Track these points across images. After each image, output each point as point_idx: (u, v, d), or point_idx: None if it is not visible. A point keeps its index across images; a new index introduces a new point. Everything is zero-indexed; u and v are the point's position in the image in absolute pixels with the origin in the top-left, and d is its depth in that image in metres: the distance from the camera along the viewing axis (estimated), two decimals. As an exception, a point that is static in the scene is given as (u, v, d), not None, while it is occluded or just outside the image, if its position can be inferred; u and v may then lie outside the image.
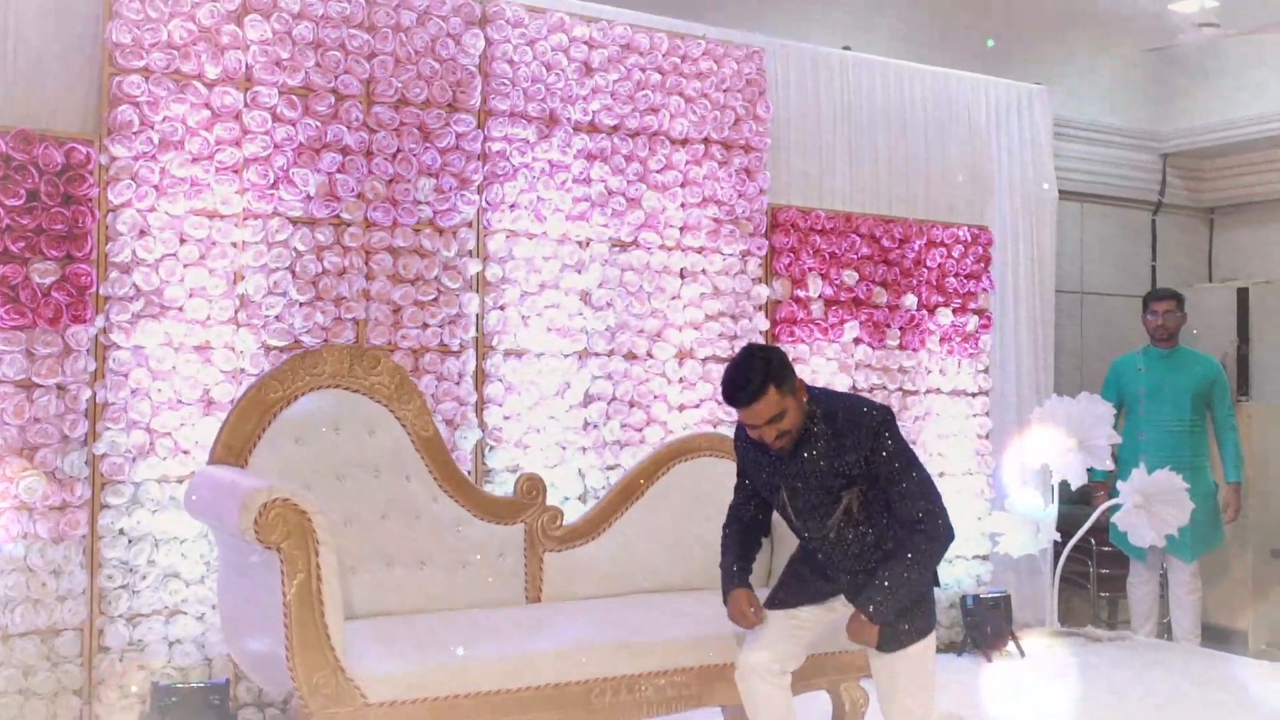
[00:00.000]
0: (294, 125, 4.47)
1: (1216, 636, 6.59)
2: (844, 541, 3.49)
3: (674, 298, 5.26)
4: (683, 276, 5.30)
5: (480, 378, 4.83)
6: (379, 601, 3.92)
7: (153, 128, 4.24)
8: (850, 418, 3.41)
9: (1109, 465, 5.89)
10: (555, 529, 4.31)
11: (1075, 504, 6.60)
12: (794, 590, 3.67)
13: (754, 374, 3.33)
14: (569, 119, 5.01)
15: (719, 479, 4.59)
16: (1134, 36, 7.11)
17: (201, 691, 3.96)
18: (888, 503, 3.41)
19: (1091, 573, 7.03)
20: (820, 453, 3.40)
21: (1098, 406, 5.77)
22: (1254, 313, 7.84)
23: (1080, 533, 6.14)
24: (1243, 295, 7.87)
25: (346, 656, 3.32)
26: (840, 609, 3.63)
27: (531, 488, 4.29)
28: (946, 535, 3.42)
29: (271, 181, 4.44)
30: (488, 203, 4.85)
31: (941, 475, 6.02)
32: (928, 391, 6.00)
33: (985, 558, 6.16)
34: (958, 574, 6.05)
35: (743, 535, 3.73)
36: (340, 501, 3.88)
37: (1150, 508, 5.67)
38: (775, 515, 3.76)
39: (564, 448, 4.98)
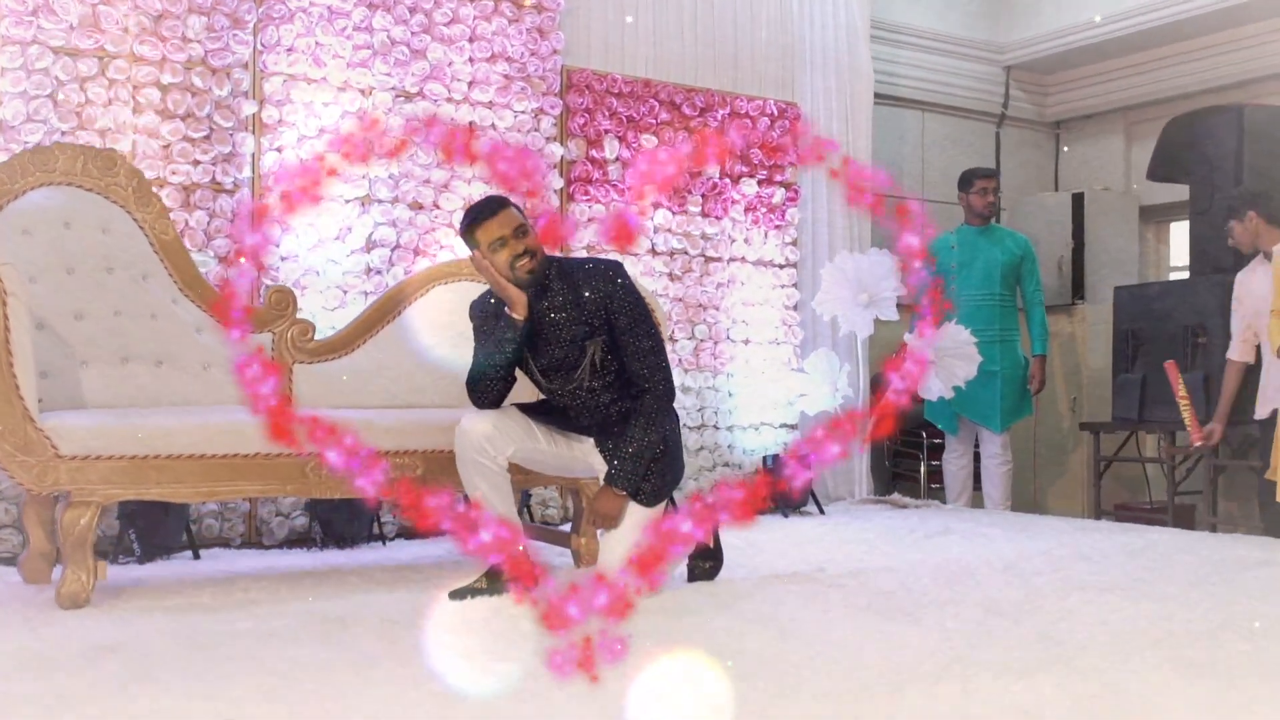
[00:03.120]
0: (54, -46, 4.55)
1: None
2: (593, 393, 3.63)
3: (461, 150, 5.35)
4: (471, 130, 5.40)
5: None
6: (113, 396, 3.97)
7: (-97, -52, 4.31)
8: (585, 268, 3.62)
9: (895, 316, 6.04)
10: (306, 342, 4.39)
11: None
12: (541, 410, 3.77)
13: (493, 196, 3.61)
14: (348, -33, 5.12)
15: (479, 303, 4.69)
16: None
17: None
18: (621, 358, 3.60)
19: (922, 468, 7.20)
20: (559, 305, 3.57)
21: (884, 260, 5.92)
22: (1088, 217, 8.05)
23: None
24: (1078, 200, 8.07)
25: (41, 410, 3.40)
26: (579, 449, 3.74)
27: (281, 300, 4.37)
28: (670, 394, 3.64)
29: (31, 9, 4.51)
30: (263, 45, 4.94)
31: (747, 343, 6.16)
32: (731, 260, 6.13)
33: (794, 426, 6.28)
34: (764, 441, 6.18)
35: None
36: (70, 295, 3.94)
37: (939, 361, 5.83)
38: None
39: (344, 291, 5.06)
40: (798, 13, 6.56)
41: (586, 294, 3.56)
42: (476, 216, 3.56)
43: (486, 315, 3.68)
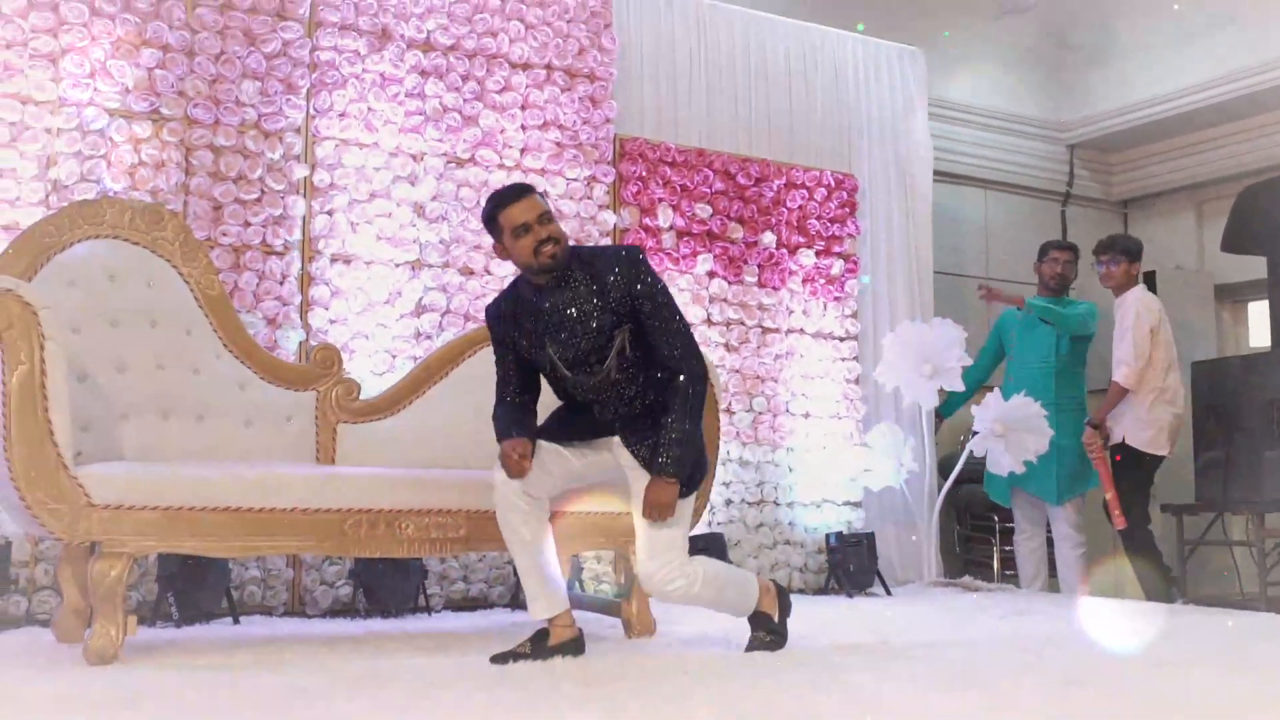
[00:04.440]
0: (112, 20, 4.58)
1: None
2: (618, 385, 3.48)
3: (514, 216, 5.28)
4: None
5: (305, 280, 4.86)
6: (152, 450, 3.88)
7: (-36, 13, 4.37)
8: (607, 257, 3.49)
9: (960, 386, 5.82)
10: (351, 401, 4.29)
11: (977, 481, 6.51)
12: (563, 426, 3.62)
13: (517, 183, 3.57)
14: (402, 35, 5.12)
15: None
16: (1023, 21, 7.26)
17: (-27, 547, 3.91)
18: (650, 344, 3.45)
19: (995, 553, 6.91)
20: (583, 295, 3.44)
21: (949, 330, 5.72)
22: (1161, 296, 7.78)
23: (951, 478, 6.04)
24: (1149, 279, 7.84)
25: (80, 463, 3.30)
26: (608, 451, 3.60)
27: (326, 358, 4.29)
28: (705, 374, 3.50)
29: (88, 72, 4.53)
30: (316, 110, 4.93)
31: (807, 416, 5.97)
32: (789, 331, 5.98)
33: (857, 504, 6.05)
34: (827, 518, 5.94)
35: (513, 409, 3.60)
36: (113, 347, 3.88)
37: (1009, 435, 5.58)
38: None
39: (393, 355, 4.97)
40: (853, 88, 6.49)
41: (611, 279, 3.41)
42: (500, 202, 3.43)
43: (503, 319, 3.54)
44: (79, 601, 3.71)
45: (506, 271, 5.23)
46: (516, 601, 4.93)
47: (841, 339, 6.12)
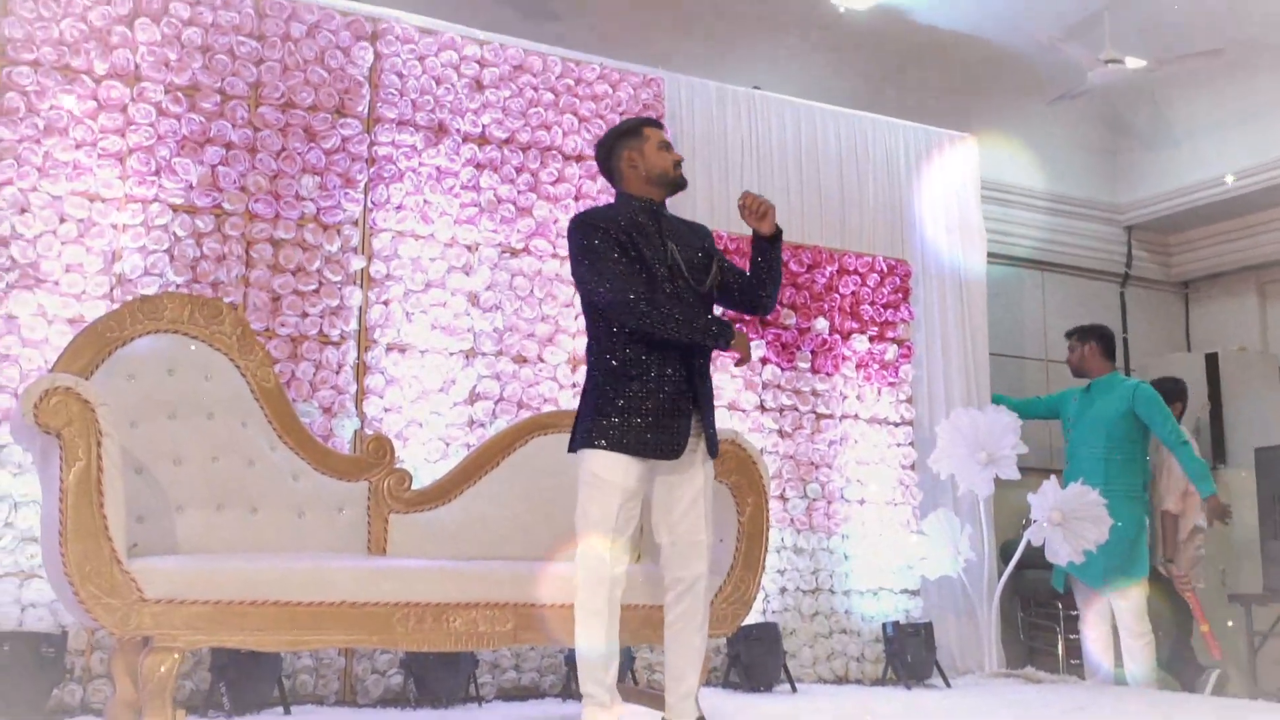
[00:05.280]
0: (178, 119, 4.73)
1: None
2: (707, 308, 3.70)
3: (566, 305, 5.34)
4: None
5: (361, 369, 4.92)
6: (207, 542, 3.92)
7: (39, 114, 4.52)
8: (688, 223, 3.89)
9: (1016, 475, 5.72)
10: (403, 491, 4.31)
11: (1040, 568, 6.38)
12: (646, 433, 3.47)
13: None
14: (458, 130, 5.23)
15: (580, 454, 4.56)
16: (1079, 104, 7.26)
17: (31, 639, 3.96)
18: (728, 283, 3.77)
19: (1060, 641, 6.75)
20: (679, 225, 3.76)
21: (1003, 416, 5.65)
22: (1224, 377, 7.69)
23: (1010, 565, 5.92)
24: (1212, 361, 7.73)
25: (136, 555, 3.35)
26: (681, 474, 3.57)
27: (379, 448, 4.33)
28: None
29: (154, 169, 4.68)
30: (373, 203, 5.04)
31: (863, 503, 5.91)
32: (843, 417, 5.94)
33: (915, 592, 5.95)
34: (884, 607, 5.85)
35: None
36: (170, 440, 3.95)
37: (1068, 524, 5.47)
38: None
39: (447, 443, 5.01)
40: (905, 174, 6.51)
41: (697, 227, 3.84)
42: (646, 120, 3.76)
43: (611, 221, 3.56)
44: (131, 693, 3.73)
45: (559, 359, 5.27)
46: (568, 691, 4.89)
47: (896, 424, 6.07)
